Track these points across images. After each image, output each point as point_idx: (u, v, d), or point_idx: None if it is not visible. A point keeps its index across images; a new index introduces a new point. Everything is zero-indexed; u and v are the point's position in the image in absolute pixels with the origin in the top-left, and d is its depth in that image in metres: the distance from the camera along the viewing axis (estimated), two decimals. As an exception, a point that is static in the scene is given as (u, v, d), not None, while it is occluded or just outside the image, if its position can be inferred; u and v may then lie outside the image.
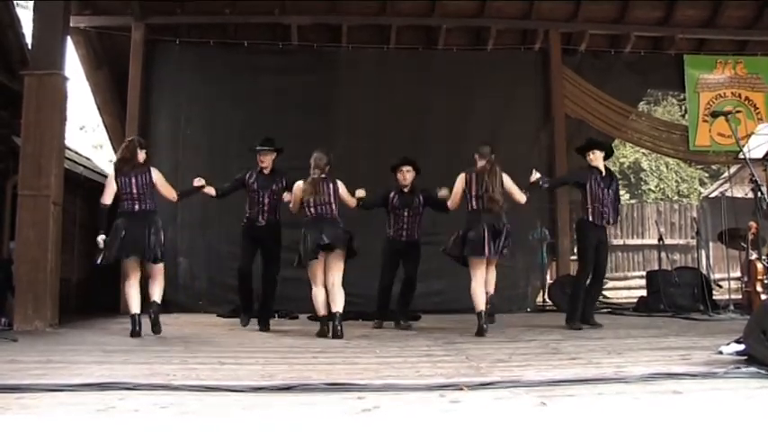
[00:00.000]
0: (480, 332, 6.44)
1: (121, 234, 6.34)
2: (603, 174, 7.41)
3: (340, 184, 6.85)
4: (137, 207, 6.47)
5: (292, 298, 9.57)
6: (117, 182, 6.50)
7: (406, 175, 7.53)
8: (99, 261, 6.43)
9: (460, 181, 6.94)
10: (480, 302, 6.68)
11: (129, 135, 10.20)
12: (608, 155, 7.73)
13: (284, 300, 9.60)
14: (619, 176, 22.22)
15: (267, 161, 7.47)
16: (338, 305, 6.47)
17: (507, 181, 6.89)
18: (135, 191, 6.47)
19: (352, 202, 7.04)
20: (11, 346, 5.56)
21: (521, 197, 6.99)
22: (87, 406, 3.11)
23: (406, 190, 7.54)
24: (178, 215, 9.89)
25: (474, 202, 6.82)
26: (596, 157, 7.43)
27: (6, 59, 9.06)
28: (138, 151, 6.60)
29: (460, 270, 10.10)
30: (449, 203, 7.13)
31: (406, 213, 7.51)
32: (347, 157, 10.30)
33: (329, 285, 6.59)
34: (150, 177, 6.56)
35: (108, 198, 6.54)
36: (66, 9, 7.84)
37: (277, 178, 7.43)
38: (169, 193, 6.82)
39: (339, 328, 6.30)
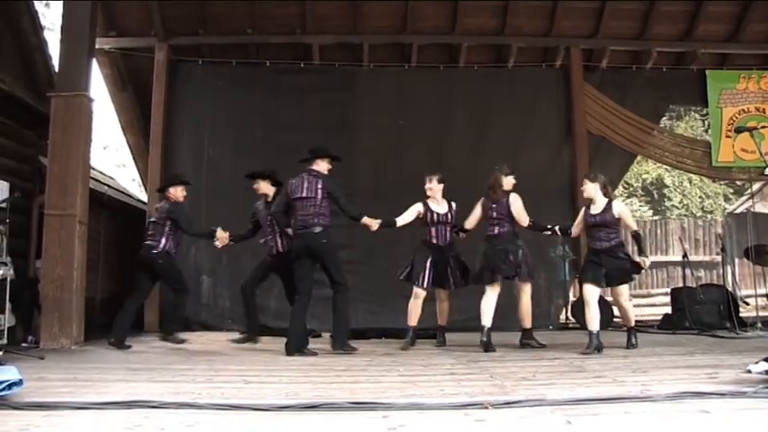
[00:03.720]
0: None
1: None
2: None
3: None
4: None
5: (316, 316, 9.56)
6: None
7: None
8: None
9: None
10: None
11: (153, 154, 10.37)
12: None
13: (307, 318, 9.62)
14: (641, 192, 22.35)
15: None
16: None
17: None
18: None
19: None
20: (38, 363, 5.62)
21: None
22: (114, 424, 3.14)
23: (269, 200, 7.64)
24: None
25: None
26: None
27: (34, 81, 9.21)
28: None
29: (479, 288, 10.13)
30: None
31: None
32: (369, 175, 10.36)
33: None
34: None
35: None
36: (91, 33, 7.97)
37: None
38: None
39: None
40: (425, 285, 7.25)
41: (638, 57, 11.53)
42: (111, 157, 23.01)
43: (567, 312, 10.69)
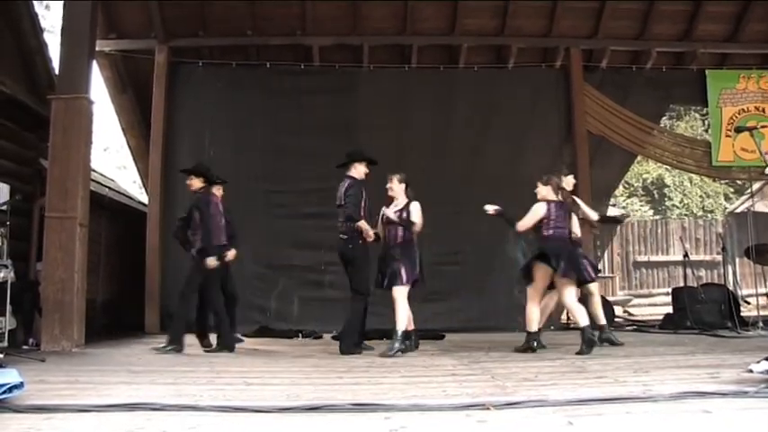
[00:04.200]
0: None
1: None
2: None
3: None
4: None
5: (316, 318, 9.57)
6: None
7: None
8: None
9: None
10: None
11: (154, 156, 10.38)
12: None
13: (308, 320, 9.64)
14: (642, 192, 22.38)
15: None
16: None
17: None
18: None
19: None
20: (39, 366, 5.61)
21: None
22: (116, 427, 3.14)
23: None
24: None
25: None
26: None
27: (34, 84, 9.21)
28: None
29: (482, 289, 10.14)
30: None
31: None
32: (369, 176, 10.35)
33: None
34: None
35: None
36: (92, 35, 7.97)
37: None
38: None
39: None
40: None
41: (637, 57, 11.53)
42: (112, 158, 23.07)
43: (568, 313, 10.68)
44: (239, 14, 10.70)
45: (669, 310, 10.31)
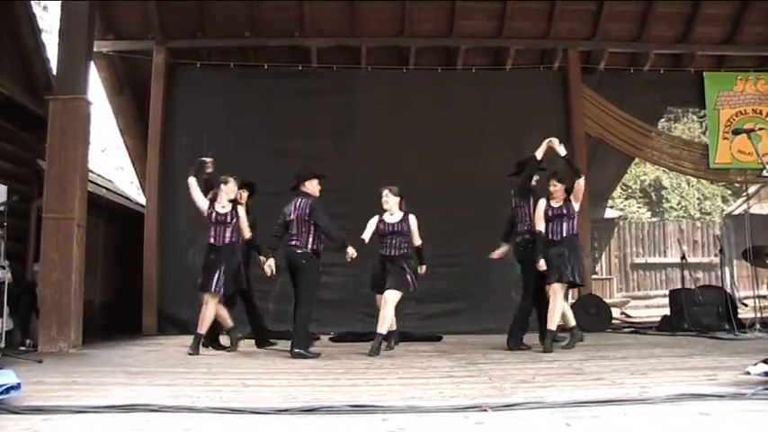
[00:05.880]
0: None
1: None
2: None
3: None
4: None
5: (314, 319, 9.55)
6: None
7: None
8: None
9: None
10: None
11: (151, 157, 10.36)
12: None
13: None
14: (640, 194, 22.41)
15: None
16: None
17: None
18: None
19: None
20: (36, 367, 5.61)
21: None
22: (113, 428, 3.14)
23: None
24: (199, 237, 9.93)
25: None
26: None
27: (32, 85, 9.21)
28: None
29: (480, 291, 10.12)
30: None
31: None
32: (367, 178, 10.36)
33: None
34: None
35: None
36: (89, 36, 7.98)
37: None
38: None
39: None
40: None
41: (635, 59, 11.53)
42: (110, 159, 22.96)
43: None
44: (237, 16, 10.70)
45: (666, 311, 10.30)
